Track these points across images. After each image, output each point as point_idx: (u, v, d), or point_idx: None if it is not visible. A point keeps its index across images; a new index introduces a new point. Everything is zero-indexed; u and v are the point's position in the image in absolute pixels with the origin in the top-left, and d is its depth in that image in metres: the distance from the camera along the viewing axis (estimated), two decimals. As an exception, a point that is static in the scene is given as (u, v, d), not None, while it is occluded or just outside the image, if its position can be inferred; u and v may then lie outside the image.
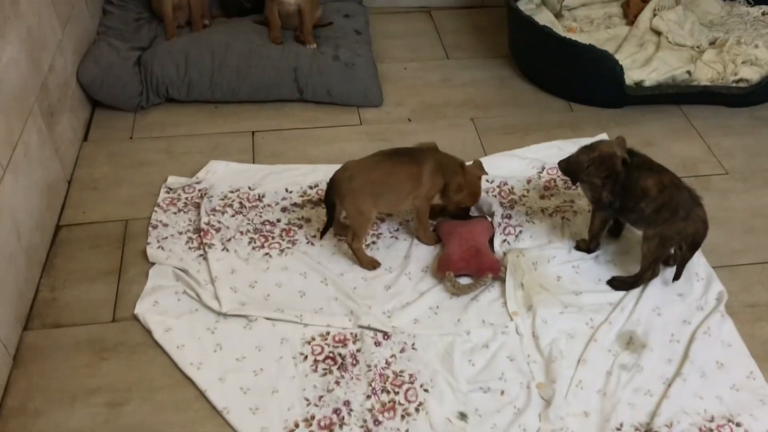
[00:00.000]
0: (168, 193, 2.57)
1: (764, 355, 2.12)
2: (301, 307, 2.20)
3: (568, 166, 2.23)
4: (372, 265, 2.34)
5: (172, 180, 2.61)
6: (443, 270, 2.28)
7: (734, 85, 3.06)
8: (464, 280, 2.29)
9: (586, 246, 2.39)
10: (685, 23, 3.37)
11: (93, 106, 2.96)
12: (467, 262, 2.28)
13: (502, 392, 2.00)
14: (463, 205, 2.39)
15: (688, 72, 3.08)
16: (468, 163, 2.38)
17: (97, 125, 2.90)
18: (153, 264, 2.31)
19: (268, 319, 2.16)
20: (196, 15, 3.15)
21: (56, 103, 2.54)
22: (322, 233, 2.37)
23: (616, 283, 2.30)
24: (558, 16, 3.43)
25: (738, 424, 1.93)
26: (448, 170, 2.31)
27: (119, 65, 2.87)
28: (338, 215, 2.37)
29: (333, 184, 2.25)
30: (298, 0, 3.04)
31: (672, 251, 2.27)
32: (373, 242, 2.43)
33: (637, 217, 2.23)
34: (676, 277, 2.26)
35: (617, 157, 2.15)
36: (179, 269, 2.29)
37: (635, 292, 2.27)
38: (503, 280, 2.29)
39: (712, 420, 1.94)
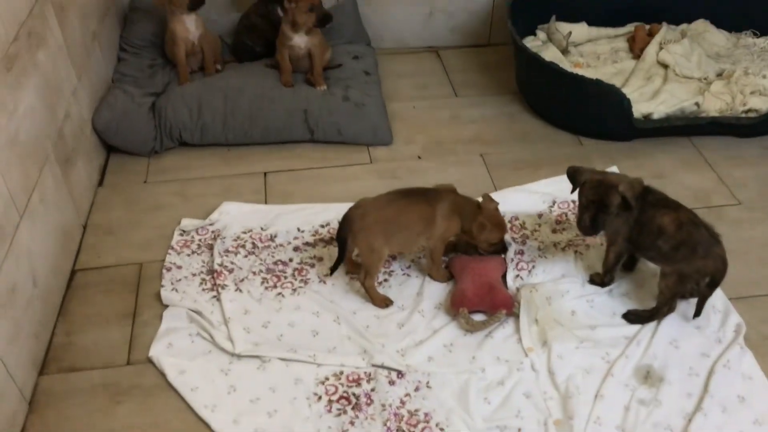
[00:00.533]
0: (182, 235, 2.59)
1: (786, 387, 2.08)
2: (315, 346, 2.20)
3: (573, 173, 2.25)
4: (384, 303, 2.33)
5: (186, 222, 2.64)
6: (457, 307, 2.27)
7: (743, 115, 3.07)
8: (478, 317, 2.28)
9: (600, 280, 2.37)
10: (692, 56, 3.39)
11: (108, 152, 3.01)
12: (481, 298, 2.27)
13: (519, 430, 1.97)
14: (493, 241, 2.34)
15: (697, 104, 3.09)
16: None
17: (112, 170, 2.94)
18: (167, 306, 2.33)
19: (281, 359, 2.16)
20: (209, 60, 3.22)
21: (72, 149, 2.59)
22: (332, 269, 2.38)
23: (631, 317, 2.27)
24: (564, 52, 3.47)
25: (762, 460, 1.89)
26: (465, 213, 2.31)
27: (133, 111, 2.92)
28: (350, 253, 2.37)
29: (346, 220, 2.27)
30: (307, 44, 3.10)
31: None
32: (385, 280, 2.43)
33: (655, 255, 2.21)
34: (697, 314, 2.24)
35: (615, 192, 2.13)
36: (193, 311, 2.30)
37: (651, 325, 2.24)
38: (517, 316, 2.27)
39: (735, 455, 1.90)
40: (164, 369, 2.12)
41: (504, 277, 2.41)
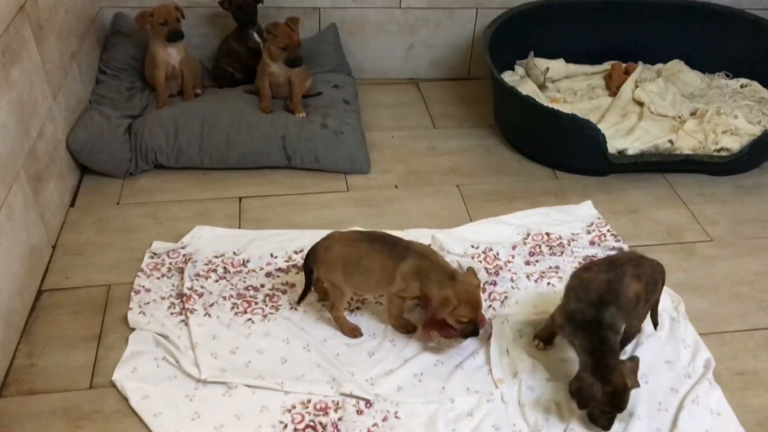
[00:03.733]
0: (152, 258, 2.56)
1: (753, 424, 2.08)
2: (283, 374, 2.16)
3: (580, 393, 1.96)
4: (353, 333, 2.31)
5: (157, 245, 2.61)
6: (428, 330, 2.23)
7: (716, 154, 3.12)
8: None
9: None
10: (667, 94, 3.46)
11: (82, 172, 2.99)
12: None
13: (487, 463, 1.95)
14: (462, 319, 2.11)
15: (671, 141, 3.14)
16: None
17: (84, 191, 2.91)
18: (133, 329, 2.28)
19: (248, 386, 2.12)
20: (188, 85, 3.22)
21: (44, 168, 2.56)
22: (300, 300, 2.35)
23: None
24: (542, 87, 3.51)
25: (729, 496, 1.88)
26: (429, 281, 2.11)
27: (109, 132, 2.90)
28: (320, 282, 2.35)
29: (312, 250, 2.25)
30: (287, 72, 3.12)
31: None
32: (358, 308, 2.41)
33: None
34: (655, 324, 2.25)
35: (629, 392, 1.97)
36: (160, 335, 2.25)
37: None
38: (488, 347, 2.25)
39: (702, 492, 1.89)
40: (127, 393, 2.07)
41: None
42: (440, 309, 2.09)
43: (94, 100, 3.09)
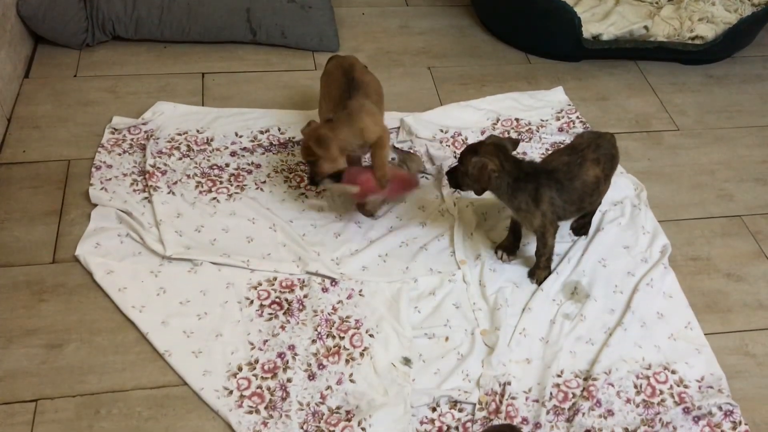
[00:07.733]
0: (113, 133, 2.49)
1: (702, 306, 2.17)
2: (249, 252, 2.17)
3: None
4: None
5: (117, 120, 2.53)
6: (363, 196, 2.21)
7: (690, 42, 3.07)
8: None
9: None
10: (646, -22, 3.35)
11: (35, 42, 2.84)
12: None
13: (447, 338, 2.02)
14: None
15: (646, 27, 3.07)
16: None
17: (39, 62, 2.78)
18: (95, 205, 2.25)
19: (213, 263, 2.13)
20: (146, -51, 3.02)
21: (-7, 35, 2.42)
22: None
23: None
24: (520, -34, 3.37)
25: (673, 372, 1.98)
26: (349, 135, 2.13)
27: (63, -1, 2.74)
28: None
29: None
30: (252, -63, 2.93)
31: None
32: (324, 189, 2.40)
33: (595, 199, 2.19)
34: None
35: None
36: (122, 211, 2.23)
37: (582, 243, 2.29)
38: (452, 230, 2.28)
39: (649, 368, 1.99)
40: (91, 268, 2.07)
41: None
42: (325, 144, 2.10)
43: (44, -38, 2.88)
